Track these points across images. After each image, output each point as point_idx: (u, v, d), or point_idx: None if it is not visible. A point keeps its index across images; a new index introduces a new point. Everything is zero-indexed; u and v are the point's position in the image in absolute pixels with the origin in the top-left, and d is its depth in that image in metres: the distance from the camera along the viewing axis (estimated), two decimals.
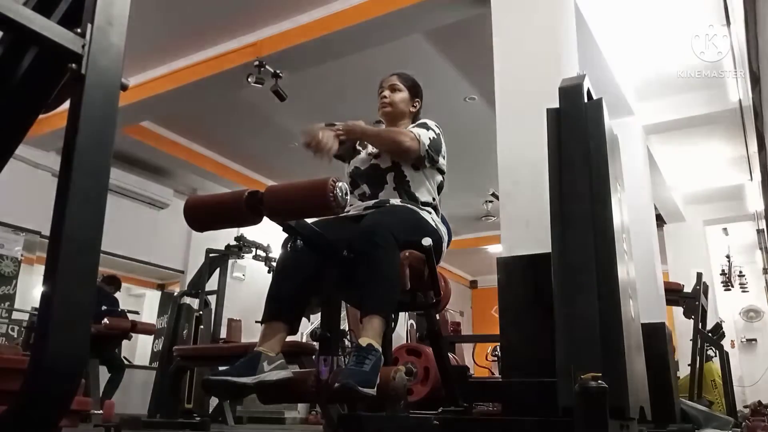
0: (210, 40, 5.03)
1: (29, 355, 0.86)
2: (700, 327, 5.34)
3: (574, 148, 2.01)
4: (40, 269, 6.02)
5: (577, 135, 2.02)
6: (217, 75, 5.04)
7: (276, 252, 6.01)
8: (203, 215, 1.71)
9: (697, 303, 5.25)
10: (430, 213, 2.23)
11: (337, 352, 1.78)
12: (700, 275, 5.33)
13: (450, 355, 3.39)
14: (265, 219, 1.59)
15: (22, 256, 6.07)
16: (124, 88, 0.88)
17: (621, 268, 1.90)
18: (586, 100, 2.08)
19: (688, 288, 5.36)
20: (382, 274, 1.84)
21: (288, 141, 6.87)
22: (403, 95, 2.42)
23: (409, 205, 2.17)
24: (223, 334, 5.70)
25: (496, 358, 4.49)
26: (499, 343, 2.99)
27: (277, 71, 4.74)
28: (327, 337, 1.76)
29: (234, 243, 6.05)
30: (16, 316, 5.89)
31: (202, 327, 5.33)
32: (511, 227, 2.88)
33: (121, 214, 6.65)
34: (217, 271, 5.89)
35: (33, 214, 5.87)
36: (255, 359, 1.74)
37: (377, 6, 4.24)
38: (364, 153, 2.37)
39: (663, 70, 5.12)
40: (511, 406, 2.39)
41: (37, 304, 5.20)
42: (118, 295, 5.95)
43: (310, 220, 1.78)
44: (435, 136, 2.27)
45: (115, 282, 5.91)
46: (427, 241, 1.98)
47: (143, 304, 8.84)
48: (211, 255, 5.85)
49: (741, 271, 9.58)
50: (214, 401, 5.41)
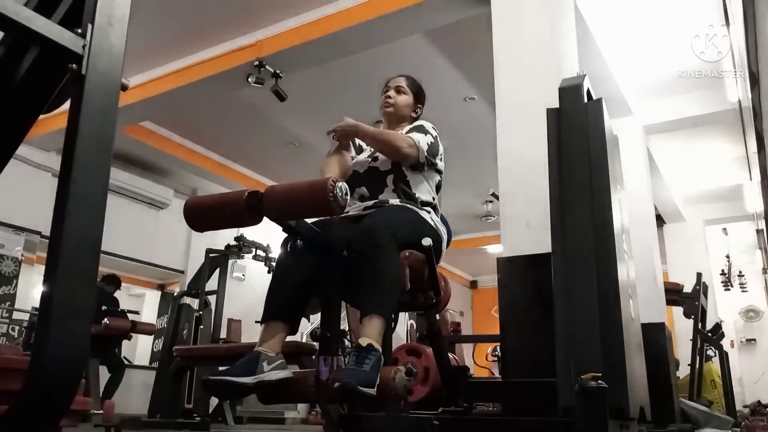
0: (210, 40, 5.04)
1: (29, 355, 0.86)
2: (700, 327, 5.34)
3: (574, 148, 2.01)
4: (40, 269, 6.02)
5: (577, 135, 2.02)
6: (217, 75, 5.04)
7: (276, 252, 6.01)
8: (203, 215, 1.71)
9: (696, 303, 5.25)
10: (430, 213, 2.22)
11: (337, 352, 1.78)
12: (699, 275, 5.33)
13: (450, 355, 3.39)
14: (265, 219, 1.59)
15: (22, 256, 6.07)
16: (124, 88, 0.88)
17: (621, 268, 1.90)
18: (586, 100, 2.08)
19: (688, 288, 5.36)
20: (382, 274, 1.84)
21: (288, 141, 6.88)
22: (407, 99, 2.41)
23: (408, 205, 2.17)
24: (223, 334, 5.70)
25: (496, 358, 4.48)
26: (499, 343, 2.99)
27: (277, 71, 4.75)
28: (327, 337, 1.76)
29: (234, 243, 6.04)
30: (16, 316, 5.90)
31: (202, 327, 5.33)
32: (511, 227, 2.88)
33: (121, 214, 6.65)
34: (217, 271, 5.89)
35: (33, 214, 5.87)
36: (255, 359, 1.74)
37: (377, 6, 4.24)
38: (363, 155, 2.36)
39: (663, 70, 5.12)
40: (511, 406, 2.38)
41: (37, 304, 5.21)
42: (118, 295, 5.94)
43: (310, 220, 1.78)
44: (432, 140, 2.27)
45: (115, 281, 5.91)
46: (427, 241, 1.99)
47: (143, 304, 8.84)
48: (211, 255, 5.85)
49: (741, 271, 9.58)
50: (214, 401, 5.41)
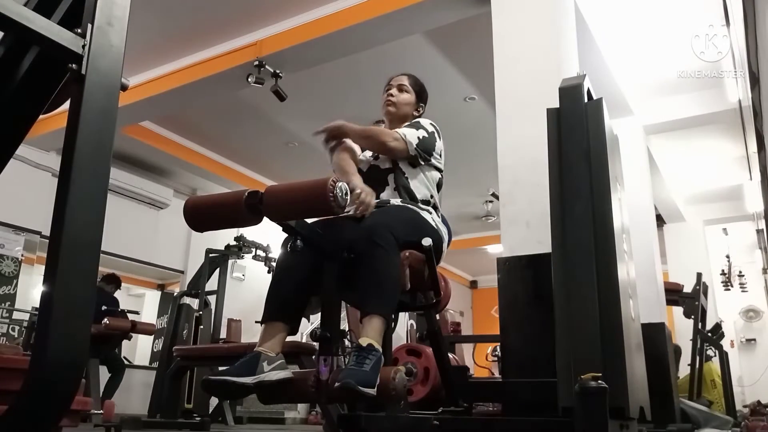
0: (210, 40, 5.03)
1: (30, 355, 0.86)
2: (700, 327, 5.34)
3: (574, 148, 2.01)
4: (40, 269, 6.02)
5: (577, 135, 2.02)
6: (217, 75, 5.04)
7: (276, 252, 6.01)
8: (203, 215, 1.71)
9: (696, 303, 5.25)
10: (431, 213, 2.22)
11: (337, 352, 1.78)
12: (699, 275, 5.33)
13: (450, 355, 3.39)
14: (265, 219, 1.59)
15: (22, 256, 6.07)
16: (124, 88, 0.88)
17: (621, 268, 1.90)
18: (586, 100, 2.08)
19: (688, 288, 5.36)
20: (382, 274, 1.83)
21: (288, 141, 6.88)
22: (409, 98, 2.40)
23: (409, 205, 2.17)
24: (223, 334, 5.70)
25: (496, 358, 4.48)
26: (499, 343, 2.99)
27: (277, 71, 4.75)
28: (327, 337, 1.76)
29: (234, 243, 6.05)
30: (16, 316, 5.89)
31: (202, 327, 5.33)
32: (511, 227, 2.88)
33: (121, 214, 6.65)
34: (217, 271, 5.90)
35: (33, 214, 5.87)
36: (255, 359, 1.74)
37: (377, 6, 4.24)
38: (364, 155, 2.36)
39: (663, 70, 5.12)
40: (511, 406, 2.39)
41: (37, 304, 5.21)
42: (118, 295, 5.94)
43: (310, 220, 1.78)
44: (426, 135, 2.26)
45: (115, 281, 5.91)
46: (427, 241, 1.99)
47: (143, 304, 8.84)
48: (211, 255, 5.85)
49: (741, 271, 9.57)
50: (214, 401, 5.41)
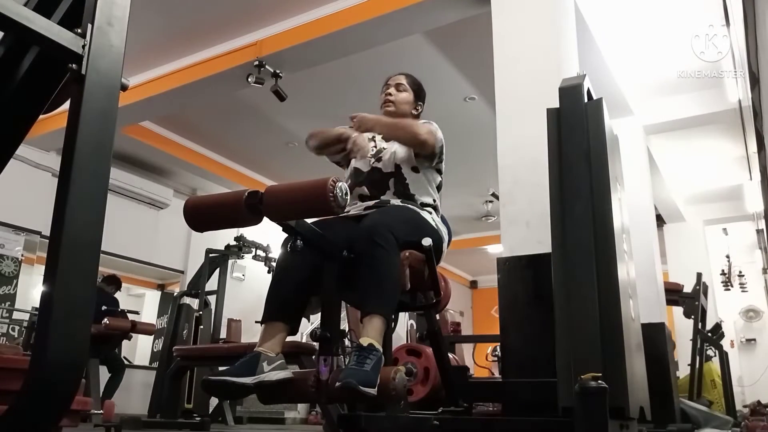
0: (210, 40, 5.03)
1: (30, 355, 0.86)
2: (700, 327, 5.34)
3: (574, 148, 2.01)
4: (40, 269, 6.02)
5: (577, 135, 2.02)
6: (217, 75, 5.04)
7: (276, 252, 6.01)
8: (203, 215, 1.70)
9: (696, 303, 5.25)
10: (431, 213, 2.22)
11: (337, 352, 1.78)
12: (699, 275, 5.33)
13: (450, 355, 3.39)
14: (265, 219, 1.59)
15: (22, 256, 6.07)
16: (124, 88, 0.88)
17: (621, 268, 1.90)
18: (586, 100, 2.08)
19: (688, 288, 5.36)
20: (382, 274, 1.84)
21: (288, 141, 6.88)
22: (407, 96, 2.41)
23: (409, 205, 2.17)
24: (223, 334, 5.70)
25: (496, 358, 4.48)
26: (499, 343, 2.99)
27: (277, 71, 4.75)
28: (327, 337, 1.76)
29: (234, 243, 6.05)
30: (16, 316, 5.89)
31: (202, 327, 5.33)
32: (511, 227, 2.88)
33: (121, 214, 6.65)
34: (217, 271, 5.90)
35: (33, 214, 5.86)
36: (255, 359, 1.74)
37: (377, 6, 4.23)
38: (366, 157, 2.35)
39: (663, 70, 5.12)
40: (511, 406, 2.39)
41: (37, 304, 5.21)
42: (118, 295, 5.94)
43: (310, 220, 1.78)
44: (442, 137, 2.29)
45: (115, 282, 5.91)
46: (427, 241, 1.99)
47: (143, 304, 8.83)
48: (211, 255, 5.85)
49: (741, 271, 9.57)
50: (214, 401, 5.41)
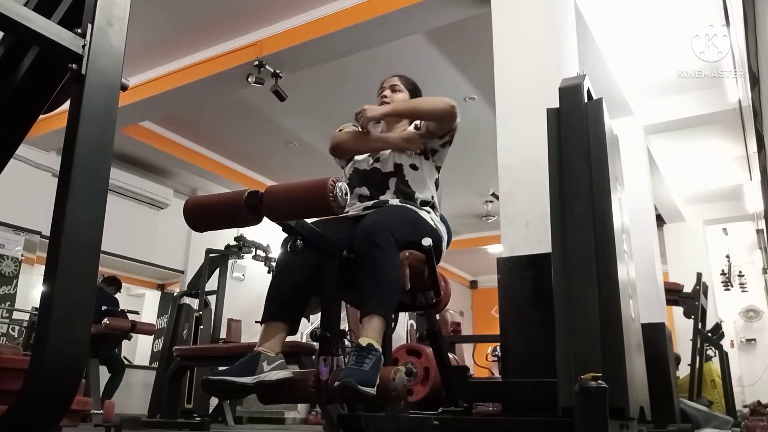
0: (210, 40, 5.03)
1: (29, 355, 0.86)
2: (700, 327, 5.34)
3: (574, 148, 2.01)
4: (40, 269, 6.02)
5: (577, 135, 2.02)
6: (217, 75, 5.04)
7: (276, 252, 6.01)
8: (203, 215, 1.70)
9: (696, 303, 5.25)
10: (430, 212, 2.22)
11: (337, 352, 1.78)
12: (699, 275, 5.33)
13: (450, 355, 3.39)
14: (265, 219, 1.59)
15: (22, 256, 6.07)
16: (124, 88, 0.88)
17: (621, 268, 1.90)
18: (586, 100, 2.08)
19: (688, 288, 5.36)
20: (382, 274, 1.84)
21: (288, 141, 6.88)
22: (404, 96, 2.42)
23: (408, 205, 2.17)
24: (223, 334, 5.70)
25: (496, 358, 4.48)
26: (499, 343, 2.99)
27: (277, 71, 4.75)
28: (327, 337, 1.76)
29: (234, 243, 6.05)
30: (16, 316, 5.89)
31: (202, 327, 5.33)
32: (511, 227, 2.88)
33: (121, 214, 6.65)
34: (217, 271, 5.90)
35: (33, 214, 5.86)
36: (255, 359, 1.74)
37: (377, 6, 4.24)
38: (365, 155, 2.36)
39: (663, 70, 5.12)
40: (511, 406, 2.39)
41: (37, 304, 5.21)
42: (118, 295, 5.95)
43: (310, 220, 1.78)
44: None
45: (115, 283, 5.92)
46: (426, 241, 1.99)
47: (143, 304, 8.83)
48: (211, 255, 5.85)
49: (741, 271, 9.57)
50: (214, 401, 5.41)
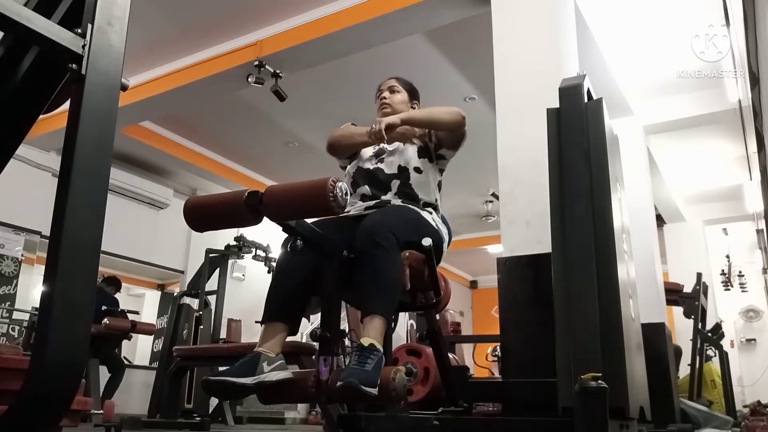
0: (210, 40, 5.03)
1: (29, 355, 0.86)
2: (700, 327, 5.34)
3: (574, 148, 2.01)
4: (40, 269, 6.02)
5: (577, 135, 2.02)
6: (217, 75, 5.04)
7: (276, 252, 6.01)
8: (203, 215, 1.70)
9: (696, 303, 5.25)
10: (431, 213, 2.22)
11: (337, 352, 1.78)
12: (699, 275, 5.33)
13: (450, 355, 3.39)
14: (265, 219, 1.59)
15: (22, 256, 6.07)
16: (124, 88, 0.88)
17: (621, 268, 1.90)
18: (586, 100, 2.08)
19: (688, 288, 5.36)
20: (383, 274, 1.84)
21: (288, 141, 6.88)
22: (402, 96, 2.42)
23: (409, 205, 2.17)
24: (223, 334, 5.70)
25: (496, 358, 4.48)
26: (499, 343, 2.99)
27: (277, 71, 4.75)
28: (327, 337, 1.76)
29: (234, 243, 6.05)
30: (16, 316, 5.89)
31: (202, 327, 5.33)
32: (511, 227, 2.88)
33: (121, 214, 6.65)
34: (217, 271, 5.90)
35: (33, 214, 5.86)
36: (255, 360, 1.74)
37: (377, 5, 4.24)
38: (368, 154, 2.35)
39: (663, 70, 5.12)
40: (511, 406, 2.39)
41: (37, 304, 5.21)
42: (117, 295, 5.95)
43: (310, 220, 1.78)
44: None
45: (115, 283, 5.92)
46: (427, 241, 1.99)
47: (143, 304, 8.83)
48: (211, 255, 5.85)
49: (741, 271, 9.56)
50: (214, 401, 5.41)
